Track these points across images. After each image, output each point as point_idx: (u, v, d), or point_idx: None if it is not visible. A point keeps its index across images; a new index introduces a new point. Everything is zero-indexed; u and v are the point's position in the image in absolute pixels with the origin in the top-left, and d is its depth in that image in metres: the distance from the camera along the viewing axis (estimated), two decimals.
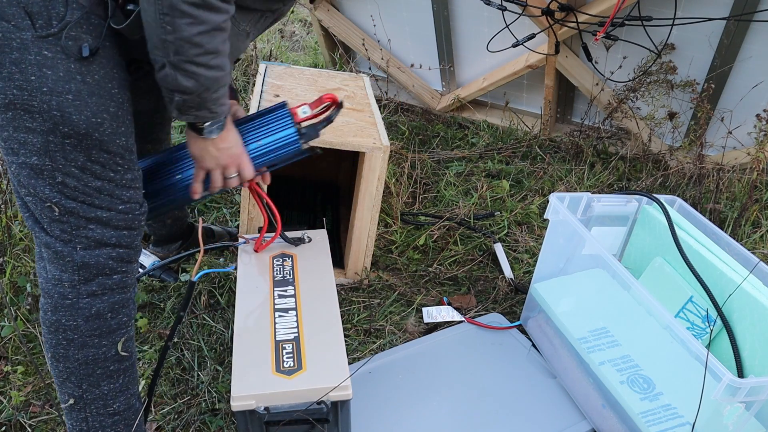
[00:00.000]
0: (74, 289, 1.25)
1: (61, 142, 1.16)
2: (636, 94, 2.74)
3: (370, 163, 1.89)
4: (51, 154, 1.17)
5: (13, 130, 1.16)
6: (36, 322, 1.79)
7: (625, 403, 1.57)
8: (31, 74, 1.11)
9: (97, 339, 1.29)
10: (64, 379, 1.31)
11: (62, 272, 1.24)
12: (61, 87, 1.13)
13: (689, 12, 2.42)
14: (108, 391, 1.33)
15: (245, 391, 1.31)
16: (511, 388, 1.75)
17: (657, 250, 1.81)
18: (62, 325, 1.27)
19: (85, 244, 1.24)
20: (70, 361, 1.29)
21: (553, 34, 2.69)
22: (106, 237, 1.25)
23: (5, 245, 1.98)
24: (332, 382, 1.32)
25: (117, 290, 1.29)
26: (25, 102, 1.13)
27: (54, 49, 1.11)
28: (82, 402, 1.32)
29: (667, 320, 1.39)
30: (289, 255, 1.72)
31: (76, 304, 1.26)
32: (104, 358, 1.31)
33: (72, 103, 1.14)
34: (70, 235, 1.23)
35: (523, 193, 2.70)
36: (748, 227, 2.38)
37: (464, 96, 3.30)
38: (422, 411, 1.66)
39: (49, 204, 1.20)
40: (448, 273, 2.20)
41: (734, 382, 1.22)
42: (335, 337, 1.46)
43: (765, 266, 1.59)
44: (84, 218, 1.22)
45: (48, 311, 1.27)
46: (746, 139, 2.56)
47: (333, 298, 1.59)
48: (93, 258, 1.25)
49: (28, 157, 1.17)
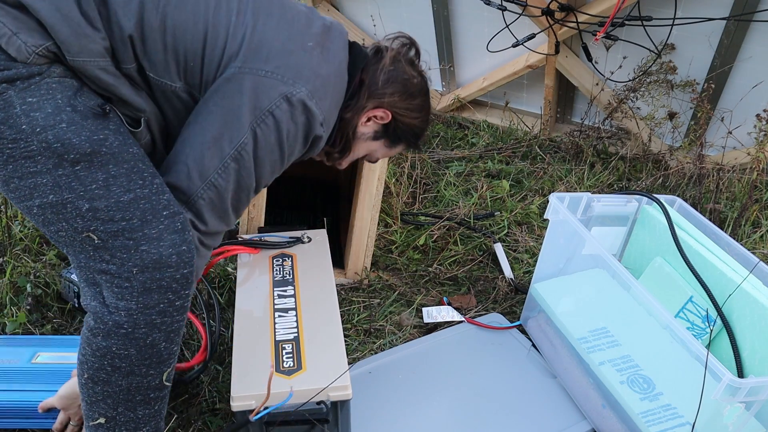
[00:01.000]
0: (131, 318, 1.16)
1: (72, 171, 1.12)
2: (636, 94, 2.74)
3: (370, 163, 1.89)
4: (67, 186, 1.12)
5: (19, 179, 1.13)
6: (36, 323, 1.79)
7: (625, 403, 1.57)
8: (21, 124, 1.09)
9: (145, 368, 1.21)
10: (98, 399, 1.23)
11: (119, 300, 1.16)
12: (52, 120, 1.10)
13: (689, 12, 2.42)
14: (142, 416, 1.26)
15: (245, 391, 1.32)
16: (511, 388, 1.75)
17: (657, 250, 1.81)
18: (111, 353, 1.18)
19: (141, 266, 1.15)
20: (110, 385, 1.21)
21: (553, 34, 2.69)
22: (165, 256, 1.16)
23: (5, 245, 1.98)
24: (331, 382, 1.32)
25: (177, 317, 1.21)
26: (23, 151, 1.10)
27: (39, 93, 1.10)
28: (112, 422, 1.24)
29: (667, 320, 1.39)
30: (288, 255, 1.72)
31: (132, 334, 1.17)
32: (147, 387, 1.23)
33: (68, 129, 1.11)
34: (122, 259, 1.15)
35: (523, 193, 2.70)
36: (748, 227, 2.38)
37: (464, 96, 3.30)
38: (422, 411, 1.66)
39: (86, 234, 1.14)
40: (448, 273, 2.20)
41: (734, 382, 1.22)
42: (335, 337, 1.46)
43: (765, 266, 1.59)
44: (131, 239, 1.15)
45: (99, 335, 1.18)
46: (746, 139, 2.56)
47: (333, 298, 1.59)
48: (154, 282, 1.16)
49: (45, 197, 1.13)
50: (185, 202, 1.21)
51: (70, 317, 1.86)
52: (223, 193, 1.22)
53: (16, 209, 2.12)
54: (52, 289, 1.88)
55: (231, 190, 1.23)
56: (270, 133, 1.21)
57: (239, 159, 1.20)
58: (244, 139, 1.19)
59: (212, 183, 1.20)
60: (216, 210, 1.23)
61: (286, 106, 1.21)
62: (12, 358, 1.57)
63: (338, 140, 1.42)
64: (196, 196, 1.20)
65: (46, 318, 1.83)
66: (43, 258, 1.93)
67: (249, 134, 1.19)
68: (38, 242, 2.05)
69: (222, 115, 1.20)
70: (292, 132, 1.24)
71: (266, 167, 1.25)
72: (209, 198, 1.21)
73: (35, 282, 1.87)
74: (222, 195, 1.22)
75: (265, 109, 1.20)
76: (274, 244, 1.77)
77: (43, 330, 1.77)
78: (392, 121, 1.44)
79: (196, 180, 1.19)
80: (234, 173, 1.21)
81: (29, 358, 1.57)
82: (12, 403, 1.48)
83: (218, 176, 1.20)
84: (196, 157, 1.20)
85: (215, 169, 1.20)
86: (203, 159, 1.19)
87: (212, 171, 1.20)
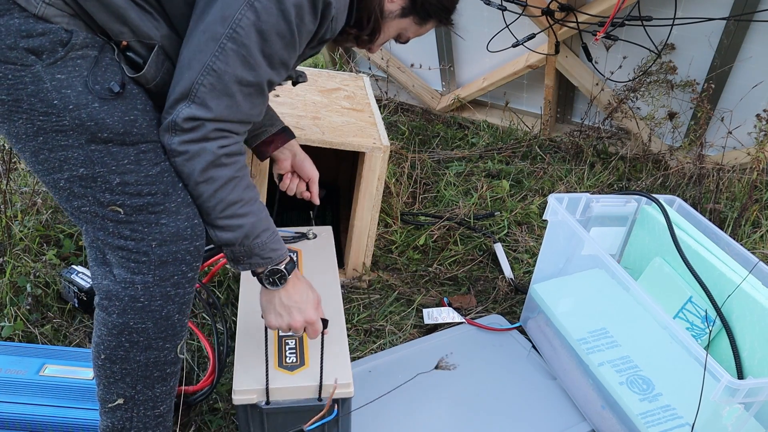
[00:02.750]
0: (147, 291, 1.21)
1: (104, 147, 1.16)
2: (636, 94, 2.74)
3: (370, 163, 1.89)
4: (99, 161, 1.16)
5: (49, 151, 1.16)
6: (36, 323, 1.79)
7: (624, 404, 1.57)
8: (53, 99, 1.12)
9: (161, 341, 1.26)
10: (116, 380, 1.27)
11: (135, 274, 1.20)
12: (85, 99, 1.13)
13: (689, 12, 2.42)
14: (160, 393, 1.31)
15: (247, 385, 1.33)
16: (511, 389, 1.75)
17: (656, 251, 1.81)
18: (129, 328, 1.23)
19: (160, 240, 1.20)
20: (129, 362, 1.25)
21: (553, 34, 2.69)
22: (181, 229, 1.21)
23: (5, 245, 1.98)
24: (334, 379, 1.33)
25: (188, 289, 1.26)
26: (54, 124, 1.13)
27: (66, 70, 1.12)
28: (131, 402, 1.29)
29: (666, 321, 1.39)
30: (294, 251, 1.72)
31: (148, 307, 1.22)
32: (164, 361, 1.28)
33: (101, 109, 1.14)
34: (142, 233, 1.19)
35: (523, 193, 2.70)
36: (748, 227, 2.38)
37: (464, 96, 3.30)
38: (422, 412, 1.66)
39: (112, 207, 1.18)
40: (448, 273, 2.20)
41: (733, 383, 1.22)
42: (338, 333, 1.47)
43: (764, 266, 1.59)
44: (153, 213, 1.19)
45: (114, 314, 1.22)
46: (746, 139, 2.56)
47: (337, 294, 1.60)
48: (171, 255, 1.21)
49: (75, 170, 1.16)
50: (187, 94, 1.17)
51: (70, 317, 1.86)
52: (222, 75, 1.16)
53: (16, 209, 2.13)
54: (52, 289, 1.88)
55: (233, 72, 1.17)
56: (270, 4, 1.14)
57: (235, 37, 1.15)
58: (237, 15, 1.14)
59: (210, 67, 1.16)
60: (219, 95, 1.18)
61: None
62: (19, 369, 1.56)
63: (365, 22, 1.36)
64: (197, 84, 1.16)
65: (46, 318, 1.83)
66: (43, 258, 1.93)
67: (245, 8, 1.14)
68: (38, 242, 2.05)
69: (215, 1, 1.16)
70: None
71: (275, 42, 1.18)
72: (209, 83, 1.16)
73: (35, 282, 1.87)
74: (222, 78, 1.16)
75: None
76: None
77: (42, 330, 1.78)
78: None
79: (195, 67, 1.16)
80: (233, 53, 1.16)
81: (37, 369, 1.56)
82: (18, 416, 1.47)
83: (215, 59, 1.15)
84: (193, 47, 1.17)
85: (212, 52, 1.15)
86: (200, 46, 1.16)
87: (209, 55, 1.16)
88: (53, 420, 1.47)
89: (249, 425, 1.37)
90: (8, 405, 1.48)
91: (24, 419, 1.47)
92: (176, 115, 1.16)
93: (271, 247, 1.27)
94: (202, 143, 1.18)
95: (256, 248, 1.26)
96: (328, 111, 2.07)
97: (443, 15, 1.43)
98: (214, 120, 1.17)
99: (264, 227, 1.26)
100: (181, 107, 1.16)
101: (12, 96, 1.12)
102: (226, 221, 1.22)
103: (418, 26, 1.44)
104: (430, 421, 1.63)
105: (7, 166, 2.10)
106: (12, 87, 1.11)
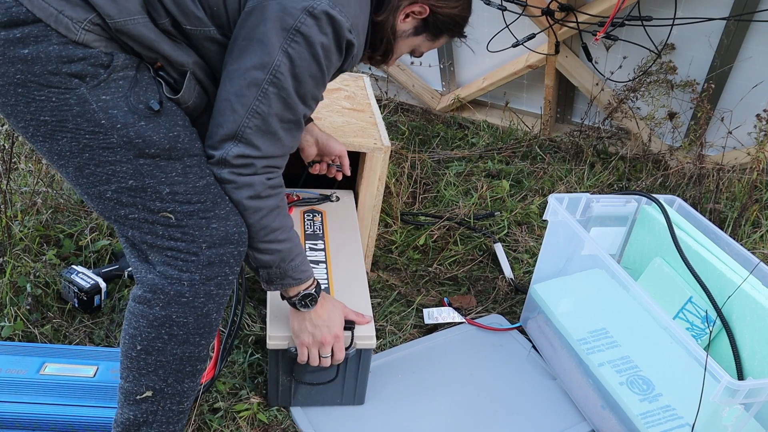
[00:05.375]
0: (193, 288, 1.27)
1: (153, 162, 1.22)
2: (636, 94, 2.74)
3: (370, 163, 1.89)
4: (149, 173, 1.22)
5: (95, 166, 1.21)
6: (36, 323, 1.79)
7: (624, 405, 1.57)
8: (100, 119, 1.18)
9: (198, 338, 1.32)
10: (149, 371, 1.31)
11: (182, 272, 1.26)
12: (131, 118, 1.20)
13: (689, 12, 2.42)
14: (187, 389, 1.36)
15: (280, 332, 1.48)
16: (511, 389, 1.75)
17: (656, 251, 1.81)
18: (171, 321, 1.28)
19: (210, 242, 1.26)
20: (165, 354, 1.30)
21: (553, 34, 2.69)
22: (230, 234, 1.28)
23: (5, 245, 1.98)
24: (358, 330, 1.49)
25: (228, 290, 1.33)
26: (101, 142, 1.19)
27: (110, 91, 1.18)
28: (160, 395, 1.33)
29: (666, 322, 1.39)
30: (318, 211, 1.86)
31: (192, 303, 1.28)
32: (197, 357, 1.34)
33: (147, 127, 1.21)
34: (193, 236, 1.26)
35: (523, 193, 2.70)
36: (748, 227, 2.38)
37: (464, 96, 3.30)
38: (422, 412, 1.66)
39: (163, 213, 1.24)
40: (448, 273, 2.20)
41: (733, 384, 1.22)
42: (361, 288, 1.61)
43: (765, 267, 1.59)
44: (204, 218, 1.26)
45: (156, 306, 1.27)
46: (746, 139, 2.56)
47: (359, 252, 1.75)
48: (218, 257, 1.27)
49: (124, 182, 1.22)
50: (234, 135, 1.26)
51: (70, 317, 1.86)
52: (267, 117, 1.26)
53: (16, 209, 2.12)
54: (52, 289, 1.88)
55: (275, 113, 1.27)
56: (303, 50, 1.24)
57: (276, 82, 1.24)
58: (276, 62, 1.23)
59: (255, 110, 1.25)
60: (265, 134, 1.28)
61: (311, 20, 1.23)
62: (19, 368, 1.56)
63: (378, 44, 1.43)
64: (243, 127, 1.25)
65: (46, 318, 1.83)
66: (43, 258, 1.93)
67: (281, 56, 1.23)
68: (38, 242, 2.05)
69: (252, 47, 1.24)
70: (325, 43, 1.25)
71: (308, 82, 1.28)
72: (255, 125, 1.26)
73: (35, 282, 1.87)
74: (267, 119, 1.26)
75: (291, 28, 1.22)
76: (305, 200, 1.90)
77: (42, 330, 1.78)
78: (431, 14, 1.42)
79: (240, 111, 1.25)
80: (274, 96, 1.25)
81: (37, 368, 1.56)
82: (19, 415, 1.47)
83: (259, 103, 1.25)
84: (235, 91, 1.25)
85: (255, 97, 1.25)
86: (242, 90, 1.25)
87: (252, 99, 1.25)
88: (55, 418, 1.47)
89: (278, 368, 1.53)
90: (10, 405, 1.48)
91: (26, 418, 1.47)
92: (226, 153, 1.26)
93: (302, 269, 1.38)
94: (251, 177, 1.28)
95: (290, 270, 1.36)
96: (329, 111, 2.07)
97: (456, 29, 1.49)
98: (263, 157, 1.28)
99: (298, 251, 1.37)
100: (229, 146, 1.26)
101: (56, 117, 1.17)
102: (267, 245, 1.32)
103: (431, 42, 1.50)
104: (430, 420, 1.63)
105: (7, 166, 2.10)
106: (56, 109, 1.17)
